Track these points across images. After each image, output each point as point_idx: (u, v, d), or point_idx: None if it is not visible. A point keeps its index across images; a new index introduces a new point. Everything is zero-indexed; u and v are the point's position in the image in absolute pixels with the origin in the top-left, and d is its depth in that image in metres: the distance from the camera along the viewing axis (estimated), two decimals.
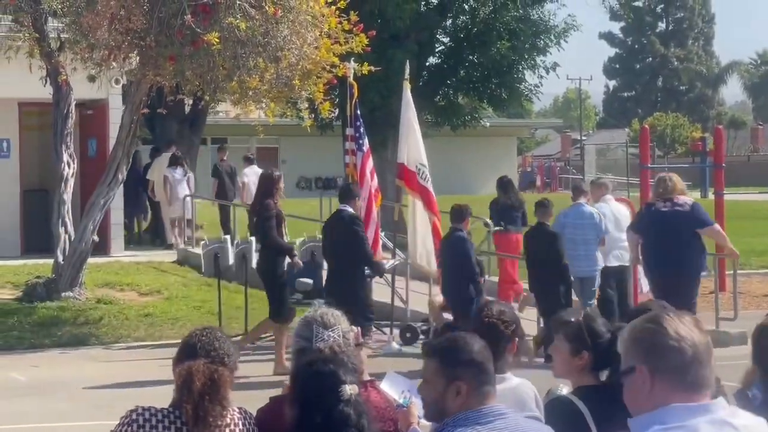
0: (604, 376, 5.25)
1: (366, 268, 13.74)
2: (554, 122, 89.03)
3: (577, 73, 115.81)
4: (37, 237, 20.31)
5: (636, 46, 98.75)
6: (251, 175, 24.37)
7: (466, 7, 29.86)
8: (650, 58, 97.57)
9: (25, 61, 17.27)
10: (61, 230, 17.39)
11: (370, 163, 14.51)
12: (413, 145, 14.52)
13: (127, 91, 17.32)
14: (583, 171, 60.56)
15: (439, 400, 4.33)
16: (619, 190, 24.28)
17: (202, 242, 16.48)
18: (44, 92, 18.02)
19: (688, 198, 13.47)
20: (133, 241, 24.36)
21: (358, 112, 14.76)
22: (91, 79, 16.01)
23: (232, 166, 26.07)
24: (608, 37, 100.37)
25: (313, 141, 40.22)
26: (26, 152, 22.44)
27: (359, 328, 5.77)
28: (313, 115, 17.13)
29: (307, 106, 16.30)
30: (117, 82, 17.43)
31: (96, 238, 17.21)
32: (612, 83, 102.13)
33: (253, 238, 15.08)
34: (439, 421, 4.38)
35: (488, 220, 16.91)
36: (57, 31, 17.48)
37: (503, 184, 18.63)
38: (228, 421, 4.90)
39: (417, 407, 5.11)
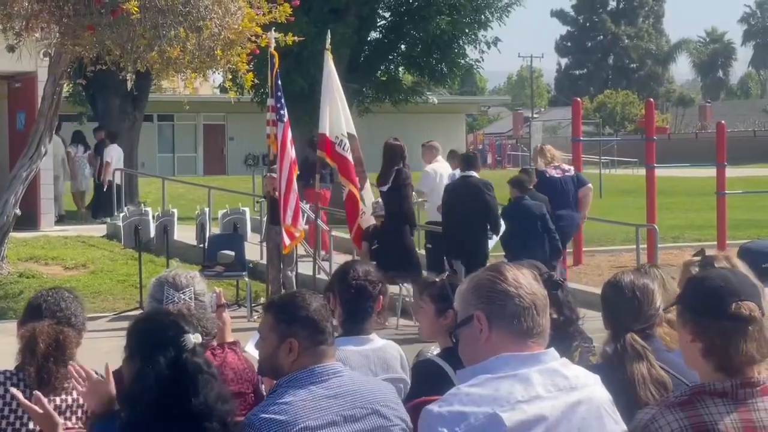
0: None
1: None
2: (503, 99, 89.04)
3: (530, 51, 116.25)
4: None
5: (587, 24, 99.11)
6: (113, 152, 24.74)
7: None
8: (601, 36, 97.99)
9: None
10: None
11: (289, 134, 14.34)
12: (334, 115, 14.36)
13: (50, 63, 17.02)
14: (530, 148, 60.62)
15: (272, 356, 4.26)
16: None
17: (122, 214, 16.28)
18: None
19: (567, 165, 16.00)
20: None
21: (279, 82, 14.55)
22: (10, 49, 15.67)
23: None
24: (560, 15, 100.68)
25: (260, 118, 40.08)
26: None
27: (220, 290, 5.67)
28: (254, 91, 16.99)
29: (230, 77, 16.08)
30: (46, 54, 17.10)
31: (18, 211, 16.93)
32: (564, 61, 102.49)
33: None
34: (273, 378, 4.30)
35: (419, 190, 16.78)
36: None
37: (312, 143, 19.37)
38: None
39: None
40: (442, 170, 16.50)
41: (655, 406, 3.46)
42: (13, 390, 4.55)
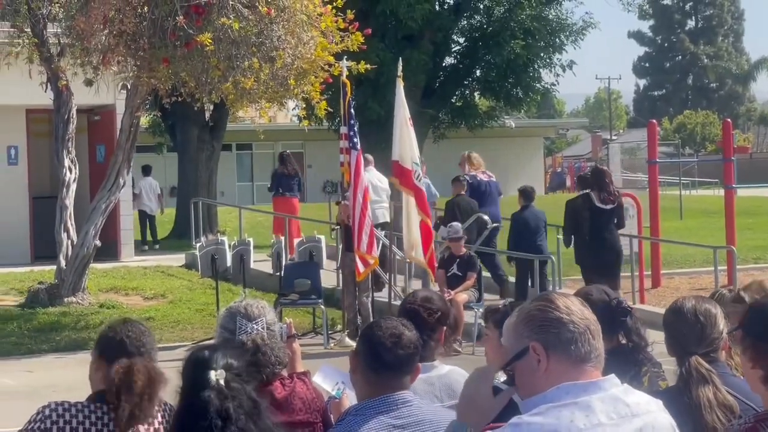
0: None
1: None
2: (581, 122, 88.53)
3: (607, 72, 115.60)
4: (46, 244, 20.28)
5: (665, 45, 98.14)
6: (145, 186, 26.01)
7: (481, 6, 29.77)
8: (680, 56, 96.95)
9: (32, 68, 17.33)
10: (64, 236, 17.38)
11: (362, 162, 14.48)
12: (407, 143, 14.43)
13: (127, 96, 17.30)
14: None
15: (351, 371, 4.39)
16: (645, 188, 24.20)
17: (198, 244, 16.42)
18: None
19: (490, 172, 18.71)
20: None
21: (352, 110, 14.66)
22: (88, 83, 15.98)
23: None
24: (637, 36, 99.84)
25: (338, 145, 40.23)
26: (35, 159, 22.51)
27: (291, 320, 5.69)
28: (320, 116, 17.20)
29: (304, 105, 16.22)
30: (123, 87, 17.44)
31: (98, 242, 17.18)
32: (642, 82, 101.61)
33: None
34: None
35: (486, 217, 16.89)
36: (57, 36, 17.49)
37: (281, 157, 23.23)
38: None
39: (350, 398, 5.03)
40: (370, 178, 18.09)
41: None
42: None
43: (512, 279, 17.23)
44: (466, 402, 3.46)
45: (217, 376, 3.91)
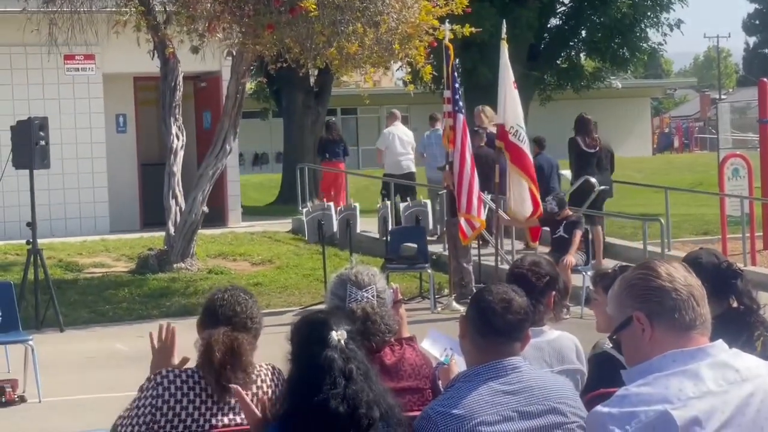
0: None
1: None
2: (689, 81, 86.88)
3: (716, 30, 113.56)
4: (155, 210, 20.51)
5: None
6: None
7: None
8: None
9: (139, 36, 17.53)
10: (172, 202, 17.57)
11: (467, 125, 14.45)
12: (510, 105, 14.34)
13: (233, 62, 17.43)
14: (718, 130, 59.20)
15: (460, 340, 4.38)
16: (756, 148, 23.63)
17: (305, 209, 16.49)
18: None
19: None
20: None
21: (456, 74, 14.58)
22: (194, 50, 16.08)
23: None
24: None
25: (442, 109, 40.10)
26: (143, 127, 22.79)
27: (397, 286, 5.67)
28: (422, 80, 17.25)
29: (409, 70, 16.19)
30: (228, 54, 17.59)
31: (206, 209, 17.35)
32: (752, 40, 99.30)
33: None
34: None
35: (593, 180, 16.75)
36: (163, 4, 17.65)
37: (327, 124, 24.36)
38: (254, 377, 4.83)
39: (458, 364, 5.01)
40: (396, 132, 21.27)
41: None
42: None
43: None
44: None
45: (339, 336, 3.95)
